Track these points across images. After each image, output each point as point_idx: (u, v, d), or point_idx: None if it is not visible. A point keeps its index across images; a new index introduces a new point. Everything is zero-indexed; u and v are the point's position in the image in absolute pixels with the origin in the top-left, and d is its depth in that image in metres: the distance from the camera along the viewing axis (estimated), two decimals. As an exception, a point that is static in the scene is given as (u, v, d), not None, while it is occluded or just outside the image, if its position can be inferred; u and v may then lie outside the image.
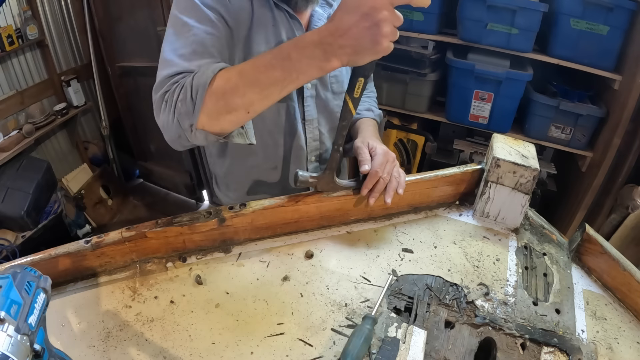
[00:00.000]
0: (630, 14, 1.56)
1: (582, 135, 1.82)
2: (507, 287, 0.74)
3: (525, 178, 0.82)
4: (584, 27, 1.63)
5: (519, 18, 1.67)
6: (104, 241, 0.72)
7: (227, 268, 0.77)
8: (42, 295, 0.50)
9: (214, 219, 0.76)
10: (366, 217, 0.89)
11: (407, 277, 0.75)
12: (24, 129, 2.17)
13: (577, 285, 0.77)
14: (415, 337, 0.64)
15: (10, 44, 2.05)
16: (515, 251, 0.82)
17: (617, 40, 1.62)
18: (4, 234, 2.05)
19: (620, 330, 0.69)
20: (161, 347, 0.63)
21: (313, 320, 0.67)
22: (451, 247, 0.83)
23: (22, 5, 2.14)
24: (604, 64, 1.68)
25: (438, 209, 0.93)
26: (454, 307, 0.70)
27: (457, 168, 0.91)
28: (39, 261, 0.68)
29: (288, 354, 0.62)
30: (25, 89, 2.27)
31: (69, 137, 2.66)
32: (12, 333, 0.42)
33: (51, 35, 2.38)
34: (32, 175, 2.16)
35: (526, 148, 0.88)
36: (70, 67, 2.55)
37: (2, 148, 2.08)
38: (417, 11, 1.83)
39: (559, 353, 0.63)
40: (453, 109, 2.01)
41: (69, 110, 2.49)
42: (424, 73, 1.97)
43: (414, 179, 0.87)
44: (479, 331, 0.66)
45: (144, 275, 0.75)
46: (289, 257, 0.80)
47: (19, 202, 2.05)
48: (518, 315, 0.68)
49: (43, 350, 0.47)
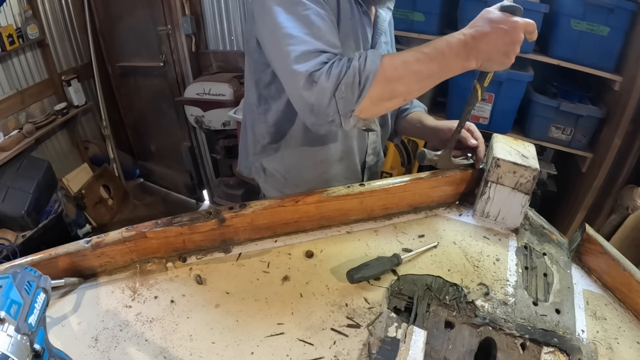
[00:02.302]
0: (630, 15, 1.56)
1: (583, 136, 1.82)
2: (507, 287, 0.74)
3: (525, 178, 0.82)
4: (584, 28, 1.63)
5: (520, 18, 1.67)
6: (104, 241, 0.72)
7: (227, 268, 0.77)
8: (42, 295, 0.50)
9: (214, 219, 0.76)
10: (366, 217, 0.89)
11: (407, 277, 0.75)
12: (25, 129, 2.17)
13: (577, 285, 0.77)
14: (415, 337, 0.64)
15: (11, 44, 2.05)
16: (515, 251, 0.82)
17: (617, 41, 1.62)
18: (4, 233, 2.05)
19: (620, 330, 0.69)
20: (161, 347, 0.63)
21: (313, 320, 0.67)
22: (451, 247, 0.83)
23: (23, 4, 2.15)
24: (604, 65, 1.68)
25: (438, 209, 0.93)
26: (454, 307, 0.70)
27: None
28: (39, 261, 0.68)
29: (288, 354, 0.62)
30: (25, 89, 2.27)
31: (69, 136, 2.66)
32: (12, 333, 0.42)
33: (52, 34, 2.39)
34: (33, 174, 2.16)
35: (526, 148, 0.88)
36: (71, 66, 2.56)
37: (2, 147, 2.08)
38: (418, 12, 1.83)
39: (559, 353, 0.63)
40: (454, 109, 2.01)
41: (70, 109, 2.50)
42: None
43: (414, 179, 0.87)
44: (479, 331, 0.66)
45: (144, 275, 0.75)
46: (288, 257, 0.80)
47: (20, 201, 2.05)
48: (518, 315, 0.68)
49: (43, 350, 0.47)
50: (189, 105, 2.39)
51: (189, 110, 2.42)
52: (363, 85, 0.66)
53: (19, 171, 2.14)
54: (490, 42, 0.68)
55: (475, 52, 0.69)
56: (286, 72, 0.72)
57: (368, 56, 0.68)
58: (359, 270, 0.72)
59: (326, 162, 0.98)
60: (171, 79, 2.54)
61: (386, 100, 0.70)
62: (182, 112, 2.53)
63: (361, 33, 0.88)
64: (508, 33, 0.68)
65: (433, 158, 0.88)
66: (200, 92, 2.32)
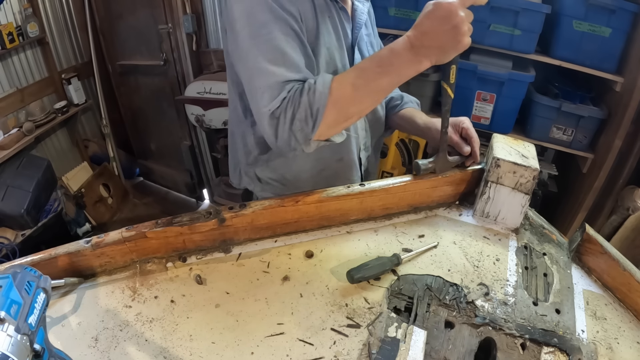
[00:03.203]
0: (632, 16, 1.55)
1: (584, 136, 1.82)
2: (507, 287, 0.74)
3: (525, 178, 0.82)
4: (586, 29, 1.63)
5: (522, 19, 1.67)
6: (104, 241, 0.72)
7: (227, 268, 0.77)
8: (42, 295, 0.50)
9: (214, 219, 0.76)
10: (366, 217, 0.89)
11: (407, 277, 0.75)
12: (24, 127, 2.17)
13: (577, 285, 0.77)
14: (415, 337, 0.64)
15: (11, 42, 2.05)
16: (515, 251, 0.82)
17: (619, 42, 1.61)
18: (3, 232, 2.05)
19: (620, 330, 0.69)
20: (161, 347, 0.63)
21: (313, 320, 0.67)
22: (451, 247, 0.83)
23: (23, 2, 2.14)
24: (605, 66, 1.67)
25: (438, 209, 0.93)
26: (454, 307, 0.70)
27: (457, 168, 0.91)
28: (39, 261, 0.68)
29: (288, 354, 0.62)
30: (25, 87, 2.27)
31: (69, 135, 2.66)
32: (12, 333, 0.42)
33: (52, 33, 2.38)
34: (32, 173, 2.16)
35: (526, 148, 0.88)
36: (71, 65, 2.55)
37: (2, 146, 2.08)
38: (419, 12, 1.83)
39: (559, 353, 0.63)
40: (454, 109, 1.98)
41: (70, 108, 2.49)
42: (426, 73, 1.96)
43: (414, 179, 0.87)
44: (479, 331, 0.66)
45: (144, 275, 0.75)
46: (288, 257, 0.80)
47: (19, 200, 2.05)
48: (518, 315, 0.68)
49: (43, 350, 0.47)
50: (190, 104, 2.39)
51: (189, 109, 2.42)
52: (315, 117, 0.70)
53: (18, 170, 2.14)
54: (433, 37, 0.67)
55: (423, 51, 0.69)
56: (253, 105, 0.78)
57: (317, 88, 0.71)
58: (359, 270, 0.72)
59: (321, 162, 0.97)
60: (172, 78, 2.53)
61: (342, 122, 0.74)
62: (182, 111, 2.52)
63: (341, 30, 0.88)
64: (446, 19, 0.66)
65: (428, 166, 0.88)
66: (200, 91, 2.31)
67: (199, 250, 0.80)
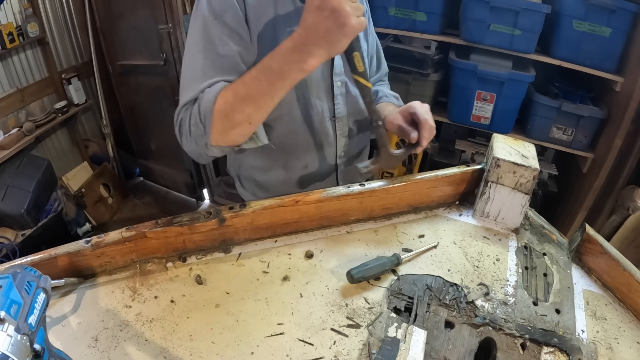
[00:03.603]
0: (632, 16, 1.56)
1: (584, 136, 1.82)
2: (507, 287, 0.74)
3: (525, 178, 0.82)
4: (586, 29, 1.63)
5: (522, 19, 1.67)
6: (104, 241, 0.72)
7: (227, 268, 0.77)
8: (42, 295, 0.50)
9: (214, 219, 0.76)
10: (366, 217, 0.89)
11: (407, 277, 0.75)
12: (25, 127, 2.17)
13: (577, 285, 0.77)
14: (415, 337, 0.64)
15: (11, 42, 2.05)
16: (515, 251, 0.82)
17: (619, 42, 1.62)
18: (3, 232, 2.05)
19: (620, 330, 0.69)
20: (161, 347, 0.63)
21: (313, 320, 0.67)
22: (451, 247, 0.83)
23: (23, 2, 2.14)
24: (605, 66, 1.68)
25: (438, 209, 0.93)
26: (454, 307, 0.70)
27: (457, 168, 0.91)
28: (39, 261, 0.68)
29: (288, 354, 0.62)
30: (25, 87, 2.27)
31: (69, 135, 2.66)
32: (12, 333, 0.42)
33: (52, 32, 2.38)
34: (32, 173, 2.16)
35: (526, 148, 0.88)
36: (71, 65, 2.55)
37: (2, 146, 2.07)
38: (420, 11, 1.83)
39: (559, 353, 0.63)
40: (455, 109, 2.00)
41: (70, 108, 2.49)
42: (426, 73, 1.97)
43: (414, 179, 0.87)
44: (479, 331, 0.66)
45: (144, 275, 0.75)
46: (288, 257, 0.80)
47: (19, 200, 2.05)
48: (518, 315, 0.68)
49: (43, 350, 0.47)
50: (190, 104, 2.38)
51: (189, 109, 2.41)
52: (204, 124, 0.73)
53: (18, 170, 2.14)
54: (316, 32, 0.63)
55: (308, 49, 0.65)
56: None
57: (205, 95, 0.73)
58: (359, 270, 0.72)
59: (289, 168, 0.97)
60: (172, 78, 2.53)
61: (230, 130, 0.74)
62: (182, 111, 2.52)
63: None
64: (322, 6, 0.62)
65: (368, 166, 0.85)
66: (200, 91, 2.31)
67: (199, 250, 0.80)
